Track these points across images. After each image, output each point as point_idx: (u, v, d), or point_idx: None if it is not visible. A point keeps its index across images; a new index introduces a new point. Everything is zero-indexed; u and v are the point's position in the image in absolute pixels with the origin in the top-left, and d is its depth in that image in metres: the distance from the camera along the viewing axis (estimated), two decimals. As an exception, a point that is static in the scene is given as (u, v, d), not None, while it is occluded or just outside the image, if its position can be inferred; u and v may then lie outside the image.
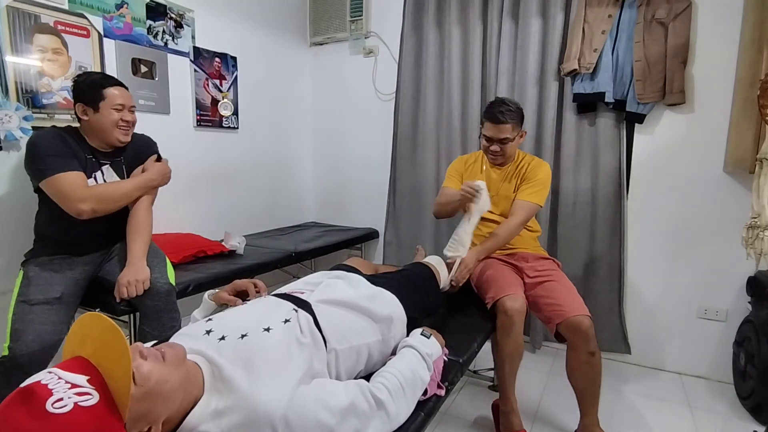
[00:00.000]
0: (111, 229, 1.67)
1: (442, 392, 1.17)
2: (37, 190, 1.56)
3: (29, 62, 1.77)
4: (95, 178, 1.62)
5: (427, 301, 1.49)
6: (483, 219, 1.96)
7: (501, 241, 1.82)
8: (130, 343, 0.70)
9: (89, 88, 1.58)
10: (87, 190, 1.52)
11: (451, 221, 2.65)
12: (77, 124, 1.64)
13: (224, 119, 2.61)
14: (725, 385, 2.17)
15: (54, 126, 1.65)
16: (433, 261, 1.73)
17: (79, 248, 1.62)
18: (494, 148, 1.84)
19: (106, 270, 1.66)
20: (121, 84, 1.65)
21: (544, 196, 1.86)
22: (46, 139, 1.53)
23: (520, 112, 1.84)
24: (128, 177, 1.70)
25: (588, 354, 1.60)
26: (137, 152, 1.75)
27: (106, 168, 1.66)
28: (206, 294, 1.22)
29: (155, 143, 1.84)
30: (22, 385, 0.64)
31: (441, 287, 1.69)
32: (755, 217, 1.72)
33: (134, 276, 1.51)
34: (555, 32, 2.30)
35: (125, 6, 2.07)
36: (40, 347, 1.37)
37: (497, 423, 1.79)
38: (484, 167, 1.98)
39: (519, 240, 1.92)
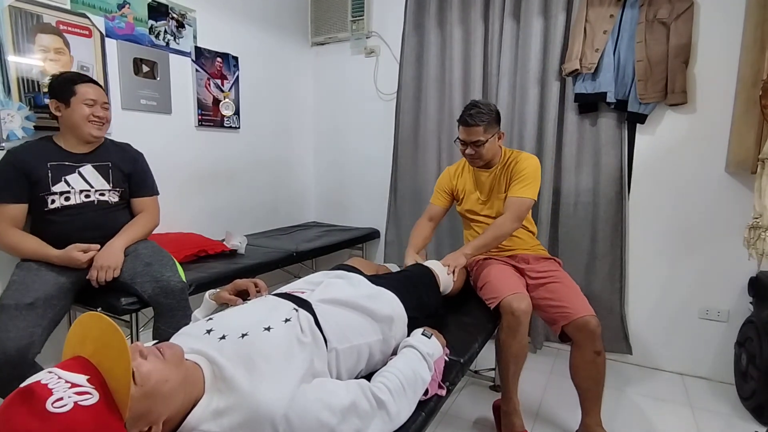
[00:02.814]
0: (100, 231, 1.67)
1: (443, 392, 1.17)
2: None
3: (31, 62, 1.77)
4: (66, 182, 1.63)
5: (427, 301, 1.49)
6: (478, 221, 1.96)
7: (492, 238, 1.77)
8: (130, 343, 0.70)
9: (61, 84, 1.63)
10: (4, 228, 1.56)
11: (452, 222, 2.66)
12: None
13: (226, 119, 2.61)
14: (727, 385, 2.16)
15: (23, 144, 1.66)
16: (432, 265, 1.73)
17: None
18: (469, 151, 1.82)
19: None
20: (94, 82, 1.68)
21: (535, 190, 1.81)
22: (3, 163, 1.58)
23: (493, 113, 1.79)
24: (114, 182, 1.73)
25: (594, 353, 1.60)
26: (126, 161, 1.79)
27: (87, 169, 1.68)
28: (207, 293, 1.22)
29: (142, 154, 1.88)
30: (22, 385, 0.64)
31: (441, 290, 1.68)
32: (757, 218, 1.71)
33: (107, 261, 1.58)
34: (556, 32, 2.30)
35: (127, 6, 2.07)
36: (3, 355, 1.36)
37: (498, 423, 1.79)
38: (471, 171, 1.97)
39: (517, 241, 1.91)
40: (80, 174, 1.66)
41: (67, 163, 1.64)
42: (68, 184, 1.63)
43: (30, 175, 1.58)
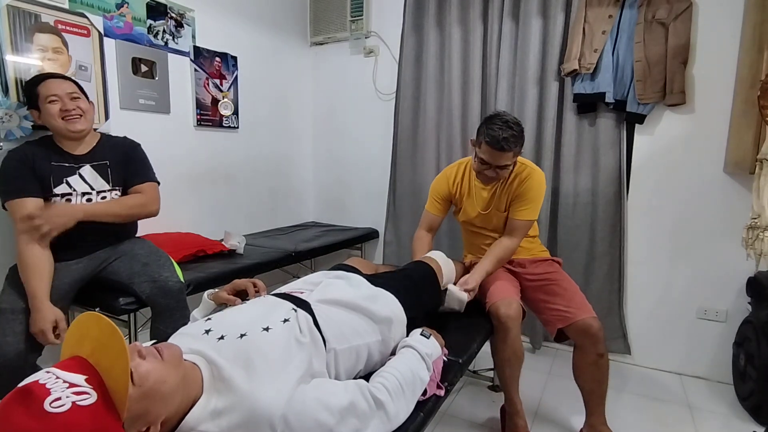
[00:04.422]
0: (97, 234, 1.64)
1: (442, 392, 1.17)
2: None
3: (29, 61, 1.77)
4: (68, 183, 1.59)
5: (426, 301, 1.49)
6: (478, 233, 1.94)
7: (502, 263, 1.76)
8: (129, 343, 0.70)
9: (26, 91, 1.60)
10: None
11: (451, 222, 2.66)
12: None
13: (224, 119, 2.61)
14: (725, 385, 2.17)
15: (27, 142, 1.63)
16: (436, 256, 1.71)
17: (62, 254, 1.56)
18: (490, 173, 1.67)
19: (111, 270, 1.65)
20: (55, 76, 1.60)
21: (538, 210, 1.78)
22: (10, 160, 1.54)
23: (523, 134, 1.64)
24: (114, 181, 1.68)
25: (597, 356, 1.60)
26: (123, 156, 1.72)
27: (86, 170, 1.63)
28: (206, 293, 1.22)
29: (138, 145, 1.80)
30: (20, 384, 0.64)
31: (443, 284, 1.67)
32: (755, 218, 1.72)
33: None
34: (555, 32, 2.30)
35: (126, 5, 2.07)
36: (3, 360, 1.35)
37: (504, 425, 1.79)
38: (470, 182, 1.87)
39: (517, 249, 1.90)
40: (80, 176, 1.64)
41: (67, 164, 1.61)
42: (70, 186, 1.60)
43: (35, 172, 1.55)
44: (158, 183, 1.81)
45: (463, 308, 1.66)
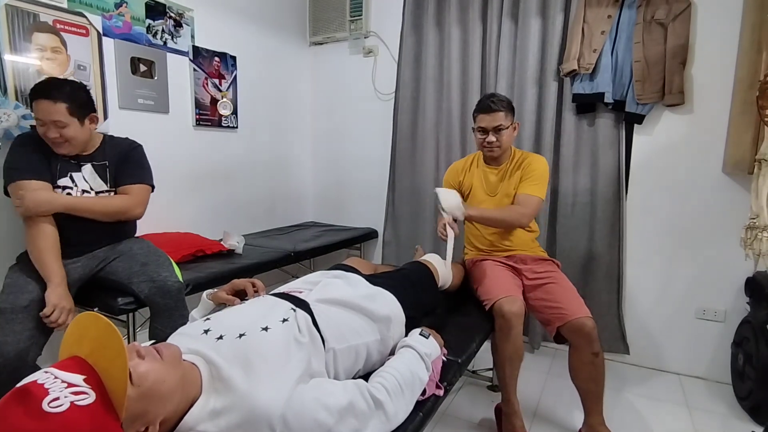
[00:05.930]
0: (95, 234, 1.64)
1: (441, 392, 1.17)
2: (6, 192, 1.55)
3: (28, 61, 1.77)
4: (71, 178, 1.59)
5: (425, 301, 1.49)
6: None
7: (499, 218, 1.81)
8: (127, 343, 0.70)
9: (29, 98, 1.57)
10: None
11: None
12: None
13: (223, 119, 2.61)
14: (723, 385, 2.17)
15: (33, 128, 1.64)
16: (432, 259, 1.73)
17: (61, 254, 1.55)
18: (490, 139, 1.82)
19: (109, 269, 1.65)
20: (46, 97, 1.47)
21: (544, 189, 1.85)
22: (18, 146, 1.54)
23: (510, 103, 1.85)
24: (112, 183, 1.67)
25: (592, 355, 1.60)
26: (121, 156, 1.70)
27: (87, 168, 1.62)
28: (205, 293, 1.22)
29: (139, 146, 1.78)
30: (19, 384, 0.64)
31: (439, 285, 1.68)
32: (754, 218, 1.72)
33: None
34: (554, 32, 2.30)
35: (124, 5, 2.07)
36: (2, 360, 1.36)
37: (500, 425, 1.79)
38: (480, 168, 1.98)
39: (518, 242, 1.91)
40: (83, 174, 1.63)
41: (72, 161, 1.61)
42: (73, 181, 1.60)
43: (43, 157, 1.54)
44: (152, 186, 1.77)
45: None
